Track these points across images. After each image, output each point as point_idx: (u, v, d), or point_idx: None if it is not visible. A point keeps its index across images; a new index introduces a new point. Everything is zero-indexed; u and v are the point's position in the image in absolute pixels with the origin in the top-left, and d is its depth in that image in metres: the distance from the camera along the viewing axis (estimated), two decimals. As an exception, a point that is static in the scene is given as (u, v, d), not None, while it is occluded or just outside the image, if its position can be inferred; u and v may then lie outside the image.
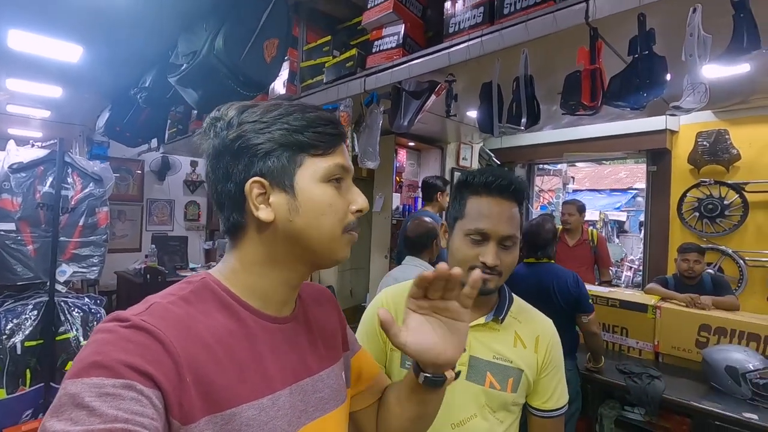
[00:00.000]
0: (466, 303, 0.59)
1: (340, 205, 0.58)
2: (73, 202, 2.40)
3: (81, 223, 2.42)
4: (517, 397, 0.90)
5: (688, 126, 3.45)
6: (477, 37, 1.55)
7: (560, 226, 3.33)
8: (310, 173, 0.56)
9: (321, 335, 0.67)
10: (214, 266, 0.61)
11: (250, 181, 0.54)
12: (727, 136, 3.24)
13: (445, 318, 0.60)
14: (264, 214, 0.54)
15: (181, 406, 0.45)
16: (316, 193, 0.56)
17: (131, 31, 2.33)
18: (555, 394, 0.93)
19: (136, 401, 0.41)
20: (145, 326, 0.46)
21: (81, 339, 2.31)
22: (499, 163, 4.49)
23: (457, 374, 0.65)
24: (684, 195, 3.45)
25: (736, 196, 3.21)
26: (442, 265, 0.55)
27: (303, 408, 0.58)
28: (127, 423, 0.39)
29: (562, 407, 0.94)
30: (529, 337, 0.93)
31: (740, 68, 1.75)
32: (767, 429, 1.63)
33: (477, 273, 0.59)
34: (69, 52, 2.58)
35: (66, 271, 2.37)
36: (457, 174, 3.91)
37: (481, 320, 0.92)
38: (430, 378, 0.62)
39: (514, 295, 1.00)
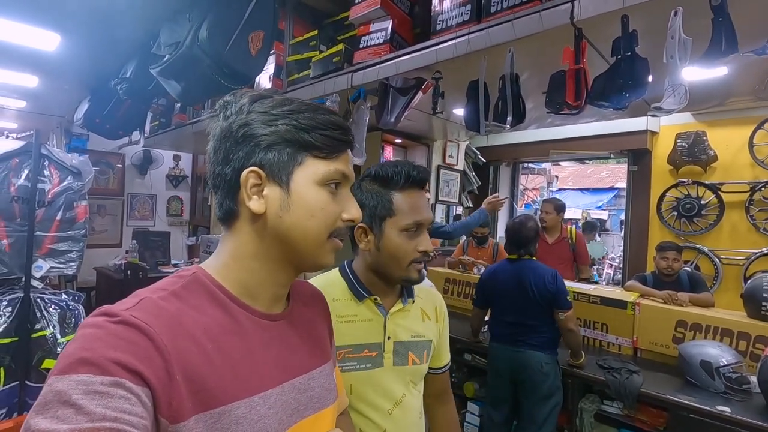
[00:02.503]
0: None
1: (332, 210, 0.58)
2: (50, 196, 2.32)
3: (58, 218, 2.35)
4: (427, 366, 1.01)
5: (667, 127, 3.54)
6: (464, 35, 1.56)
7: None
8: (309, 174, 0.56)
9: (312, 335, 0.66)
10: (197, 261, 0.59)
11: (248, 170, 0.54)
12: (704, 138, 3.33)
13: None
14: (255, 205, 0.54)
15: (170, 405, 0.44)
16: (310, 194, 0.56)
17: (112, 20, 2.27)
18: (444, 354, 1.07)
19: (124, 399, 0.40)
20: (134, 322, 0.45)
21: (58, 336, 2.25)
22: (484, 161, 4.53)
23: None
24: (663, 194, 3.54)
25: (713, 196, 3.31)
26: None
27: (295, 406, 0.57)
28: (115, 422, 0.38)
29: (449, 362, 1.10)
30: (430, 310, 1.04)
31: (718, 71, 1.80)
32: (739, 421, 1.69)
33: None
34: (46, 39, 2.49)
35: (42, 266, 2.30)
36: (443, 171, 3.92)
37: (400, 305, 0.97)
38: None
39: None
